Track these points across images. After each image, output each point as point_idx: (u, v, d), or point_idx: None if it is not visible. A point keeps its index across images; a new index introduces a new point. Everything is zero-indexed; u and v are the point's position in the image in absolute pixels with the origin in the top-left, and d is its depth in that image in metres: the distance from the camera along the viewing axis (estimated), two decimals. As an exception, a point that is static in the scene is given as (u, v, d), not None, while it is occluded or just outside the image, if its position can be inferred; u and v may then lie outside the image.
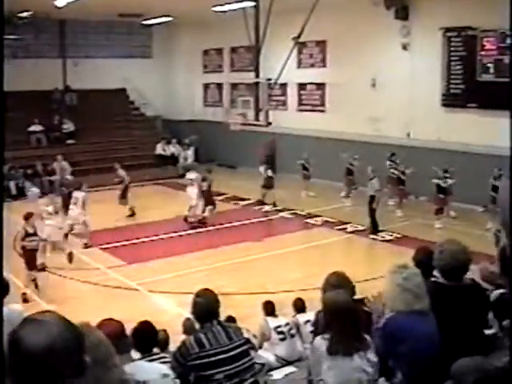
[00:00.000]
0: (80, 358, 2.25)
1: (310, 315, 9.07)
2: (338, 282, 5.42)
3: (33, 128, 29.30)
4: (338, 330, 4.52)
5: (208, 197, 20.17)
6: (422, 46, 22.89)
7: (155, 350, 6.51)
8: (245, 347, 5.44)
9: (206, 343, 5.17)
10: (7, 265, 15.97)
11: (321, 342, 4.63)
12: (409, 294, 4.62)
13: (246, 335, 5.98)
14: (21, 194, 25.56)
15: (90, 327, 3.20)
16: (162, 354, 6.35)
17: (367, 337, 4.65)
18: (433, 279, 5.30)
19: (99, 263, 16.52)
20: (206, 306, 5.37)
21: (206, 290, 5.59)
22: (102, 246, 18.00)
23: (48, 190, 24.00)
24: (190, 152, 30.63)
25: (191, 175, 20.64)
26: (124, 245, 18.22)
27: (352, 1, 22.31)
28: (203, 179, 20.24)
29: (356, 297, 5.68)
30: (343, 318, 4.50)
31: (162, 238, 18.94)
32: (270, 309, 9.70)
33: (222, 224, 20.18)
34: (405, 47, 23.29)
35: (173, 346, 7.46)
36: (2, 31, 17.67)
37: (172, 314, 12.59)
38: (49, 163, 26.11)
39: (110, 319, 4.83)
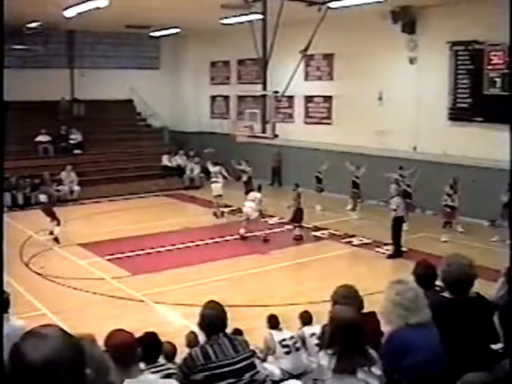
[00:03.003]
0: (81, 372, 2.27)
1: (316, 328, 9.07)
2: (347, 295, 5.44)
3: (40, 138, 29.41)
4: (343, 345, 4.52)
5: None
6: (428, 60, 22.92)
7: (161, 360, 6.52)
8: (251, 360, 5.44)
9: (212, 355, 5.17)
10: (10, 273, 16.06)
11: (325, 357, 4.64)
12: (401, 309, 4.68)
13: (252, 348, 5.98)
14: (28, 203, 25.64)
15: (91, 340, 3.22)
16: (168, 365, 6.37)
17: (373, 351, 4.65)
18: (440, 294, 5.31)
19: (104, 274, 16.52)
20: (213, 319, 5.37)
21: (213, 302, 5.59)
22: (108, 257, 18.00)
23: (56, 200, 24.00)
24: (196, 163, 30.63)
25: (256, 194, 20.68)
26: (129, 256, 18.22)
27: (359, 14, 22.37)
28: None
29: (365, 310, 5.70)
30: (348, 335, 4.50)
31: (168, 250, 18.94)
32: (274, 322, 9.69)
33: (229, 236, 20.19)
34: (412, 61, 23.34)
35: (178, 358, 7.47)
36: (2, 37, 17.70)
37: (177, 326, 12.56)
38: (56, 173, 26.17)
39: (121, 330, 4.82)
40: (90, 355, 2.68)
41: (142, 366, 5.77)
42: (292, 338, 9.40)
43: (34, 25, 27.38)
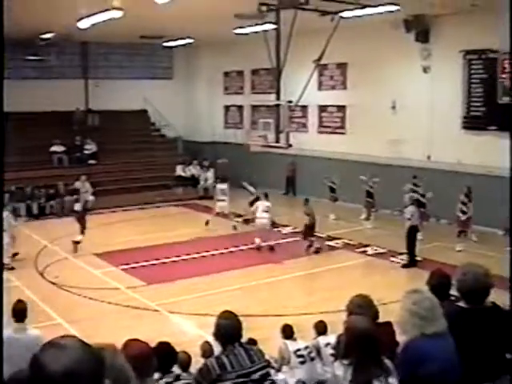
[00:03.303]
0: (100, 382, 2.28)
1: (330, 338, 9.04)
2: (362, 304, 5.43)
3: (55, 148, 29.55)
4: (358, 356, 4.51)
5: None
6: (442, 69, 22.89)
7: (176, 370, 6.52)
8: (266, 370, 5.44)
9: (227, 365, 5.17)
10: (25, 282, 16.16)
11: (340, 367, 4.63)
12: (418, 319, 4.65)
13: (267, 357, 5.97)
14: (42, 213, 25.77)
15: (113, 350, 3.22)
16: (184, 375, 6.37)
17: (388, 362, 4.64)
18: (456, 304, 5.29)
19: (119, 283, 16.57)
20: (228, 329, 5.36)
21: (229, 312, 5.59)
22: (122, 267, 18.05)
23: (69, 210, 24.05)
24: (211, 173, 30.70)
25: (266, 203, 20.60)
26: (144, 265, 18.27)
27: (373, 23, 22.38)
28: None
29: (380, 320, 5.69)
30: (363, 346, 4.49)
31: (183, 259, 18.97)
32: (288, 332, 9.66)
33: (242, 245, 20.19)
34: (425, 70, 23.31)
35: (192, 368, 7.48)
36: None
37: (192, 336, 12.58)
38: (70, 183, 26.26)
39: (136, 340, 4.83)
40: (110, 365, 2.69)
41: (156, 375, 5.78)
42: (307, 347, 9.38)
43: (48, 36, 27.53)
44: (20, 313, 7.80)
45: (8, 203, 22.57)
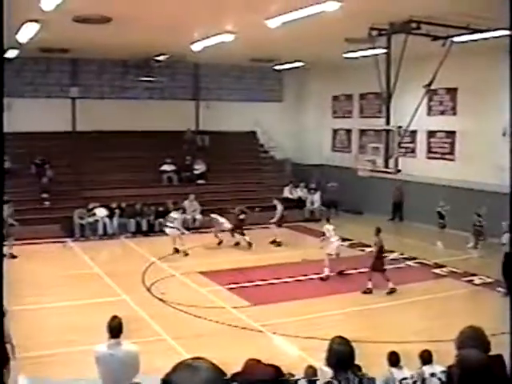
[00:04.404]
0: None
1: (436, 368, 8.91)
2: (475, 336, 5.32)
3: (165, 167, 30.25)
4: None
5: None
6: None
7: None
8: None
9: (339, 392, 5.15)
10: (133, 297, 16.59)
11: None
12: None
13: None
14: (151, 230, 26.40)
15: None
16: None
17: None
18: None
19: (224, 302, 16.78)
20: (341, 355, 5.33)
21: (342, 337, 5.56)
22: (228, 286, 18.28)
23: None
24: (317, 196, 30.72)
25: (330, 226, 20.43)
26: (249, 286, 18.45)
27: (483, 47, 21.92)
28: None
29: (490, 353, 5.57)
30: (479, 379, 4.42)
31: (287, 281, 19.05)
32: (394, 359, 9.55)
33: (348, 270, 20.08)
34: (539, 95, 22.65)
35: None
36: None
37: (294, 358, 12.60)
38: (179, 201, 26.80)
39: (258, 361, 4.84)
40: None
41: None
42: (412, 377, 9.26)
43: (161, 58, 28.32)
44: (115, 329, 7.99)
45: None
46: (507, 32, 18.63)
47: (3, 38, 7.73)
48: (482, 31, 18.83)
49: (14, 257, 20.95)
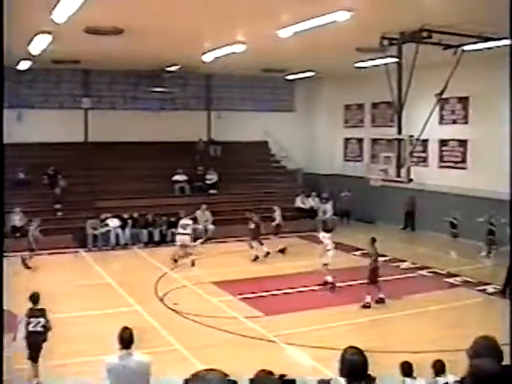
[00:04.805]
0: None
1: (449, 378, 8.87)
2: (488, 346, 5.28)
3: (177, 177, 30.32)
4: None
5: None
6: None
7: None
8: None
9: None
10: (146, 307, 16.61)
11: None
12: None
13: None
14: (163, 240, 26.44)
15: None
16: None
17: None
18: None
19: (236, 312, 16.75)
20: (354, 366, 5.31)
21: (355, 347, 5.53)
22: (240, 296, 18.25)
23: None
24: (329, 206, 30.69)
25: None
26: (262, 296, 18.43)
27: (495, 56, 21.88)
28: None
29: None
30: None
31: (301, 291, 19.02)
32: (407, 369, 9.52)
33: (361, 280, 20.02)
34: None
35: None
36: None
37: (306, 368, 12.58)
38: (191, 212, 26.85)
39: (269, 372, 4.82)
40: None
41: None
42: (425, 387, 9.23)
43: (173, 68, 28.44)
44: (126, 340, 8.00)
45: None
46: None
47: (3, 48, 7.79)
48: (493, 39, 18.81)
49: (28, 267, 21.13)
